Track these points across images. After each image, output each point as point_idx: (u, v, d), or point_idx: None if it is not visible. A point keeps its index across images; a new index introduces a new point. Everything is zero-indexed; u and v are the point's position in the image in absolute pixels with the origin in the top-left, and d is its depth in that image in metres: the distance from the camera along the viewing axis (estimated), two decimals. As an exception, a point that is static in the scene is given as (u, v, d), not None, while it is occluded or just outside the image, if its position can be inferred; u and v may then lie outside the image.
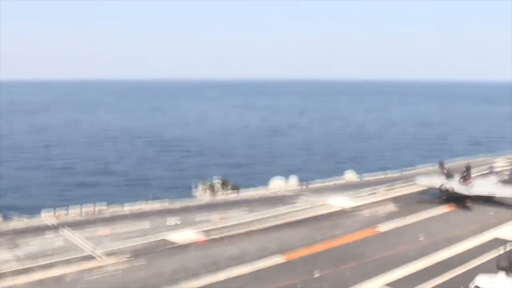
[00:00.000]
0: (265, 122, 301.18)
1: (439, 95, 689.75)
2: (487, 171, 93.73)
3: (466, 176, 76.50)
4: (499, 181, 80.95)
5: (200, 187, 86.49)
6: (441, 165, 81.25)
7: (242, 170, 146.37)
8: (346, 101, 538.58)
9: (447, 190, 75.24)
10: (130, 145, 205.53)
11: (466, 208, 72.96)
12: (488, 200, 74.62)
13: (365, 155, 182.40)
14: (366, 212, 70.51)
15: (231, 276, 46.46)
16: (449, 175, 77.81)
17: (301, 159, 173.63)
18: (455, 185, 75.19)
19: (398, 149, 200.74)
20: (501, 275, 37.05)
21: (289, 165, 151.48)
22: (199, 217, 66.00)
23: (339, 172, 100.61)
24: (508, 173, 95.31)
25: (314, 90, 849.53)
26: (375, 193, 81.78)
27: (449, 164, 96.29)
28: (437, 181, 78.09)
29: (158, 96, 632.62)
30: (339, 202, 75.59)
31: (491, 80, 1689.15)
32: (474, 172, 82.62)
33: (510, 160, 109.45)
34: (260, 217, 66.80)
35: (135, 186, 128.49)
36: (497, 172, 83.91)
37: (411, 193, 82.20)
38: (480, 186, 76.10)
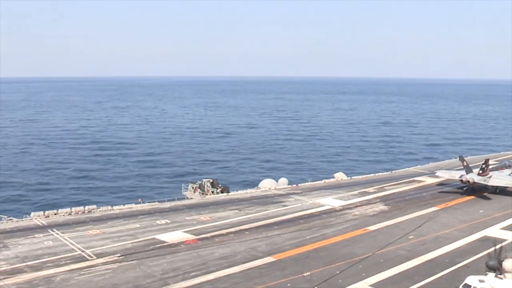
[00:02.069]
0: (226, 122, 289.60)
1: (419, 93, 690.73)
2: (498, 164, 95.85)
3: (485, 168, 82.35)
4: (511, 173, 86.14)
5: (190, 187, 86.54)
6: (462, 159, 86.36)
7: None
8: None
9: (468, 182, 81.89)
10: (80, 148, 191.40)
11: (485, 197, 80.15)
12: (502, 191, 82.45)
13: (350, 158, 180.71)
14: (356, 211, 70.79)
15: (221, 275, 46.47)
16: (468, 168, 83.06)
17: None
18: (475, 177, 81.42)
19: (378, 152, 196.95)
20: (490, 274, 37.26)
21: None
22: (189, 217, 66.06)
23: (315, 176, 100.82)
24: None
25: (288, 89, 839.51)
26: (365, 192, 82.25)
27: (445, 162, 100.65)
28: (457, 174, 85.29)
29: (127, 95, 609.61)
30: (329, 201, 75.86)
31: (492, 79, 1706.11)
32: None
33: (499, 159, 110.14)
34: (250, 216, 66.96)
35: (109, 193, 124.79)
36: (510, 166, 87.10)
37: (401, 192, 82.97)
38: (497, 178, 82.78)
